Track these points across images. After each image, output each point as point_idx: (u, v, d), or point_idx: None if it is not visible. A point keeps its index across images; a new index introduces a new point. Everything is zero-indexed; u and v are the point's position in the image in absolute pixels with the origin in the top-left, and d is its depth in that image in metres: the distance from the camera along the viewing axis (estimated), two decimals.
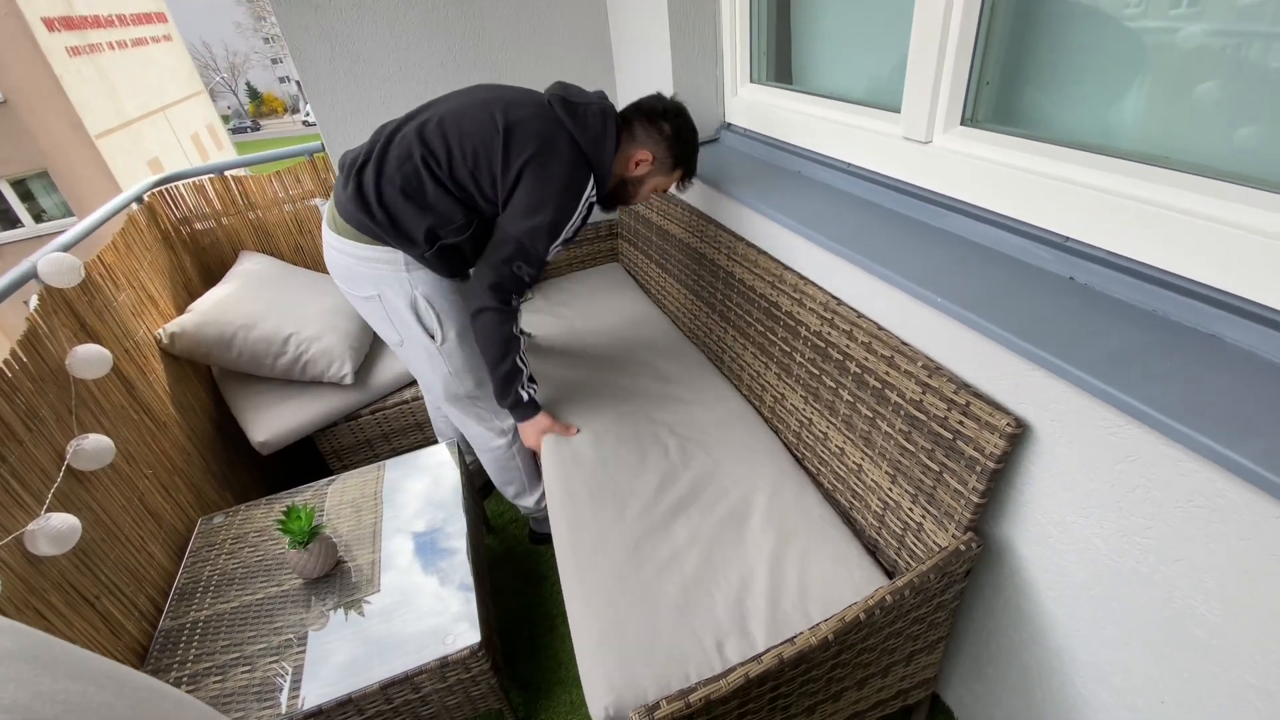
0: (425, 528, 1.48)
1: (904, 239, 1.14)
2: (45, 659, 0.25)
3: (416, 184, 1.25)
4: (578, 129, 1.25)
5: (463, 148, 1.23)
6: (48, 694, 0.23)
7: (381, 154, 1.26)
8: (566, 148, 1.24)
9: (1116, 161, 0.88)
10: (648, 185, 1.38)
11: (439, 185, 1.25)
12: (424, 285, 1.36)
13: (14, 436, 1.16)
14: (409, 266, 1.34)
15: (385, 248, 1.31)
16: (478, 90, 1.33)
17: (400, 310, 1.37)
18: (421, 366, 1.50)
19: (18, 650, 0.24)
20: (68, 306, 1.42)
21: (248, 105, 36.20)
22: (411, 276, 1.35)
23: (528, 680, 1.52)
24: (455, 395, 1.53)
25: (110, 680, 0.26)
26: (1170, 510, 0.73)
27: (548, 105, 1.27)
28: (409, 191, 1.25)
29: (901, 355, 1.05)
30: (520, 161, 1.21)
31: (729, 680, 0.84)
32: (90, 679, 0.26)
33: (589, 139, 1.26)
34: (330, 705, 1.13)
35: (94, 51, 11.36)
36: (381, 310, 1.39)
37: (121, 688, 0.27)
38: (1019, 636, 1.04)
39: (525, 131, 1.22)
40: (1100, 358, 0.77)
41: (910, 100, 1.15)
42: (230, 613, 1.33)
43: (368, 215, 1.27)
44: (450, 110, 1.27)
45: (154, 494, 1.51)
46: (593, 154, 1.27)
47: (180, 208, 2.11)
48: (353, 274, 1.36)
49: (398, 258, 1.32)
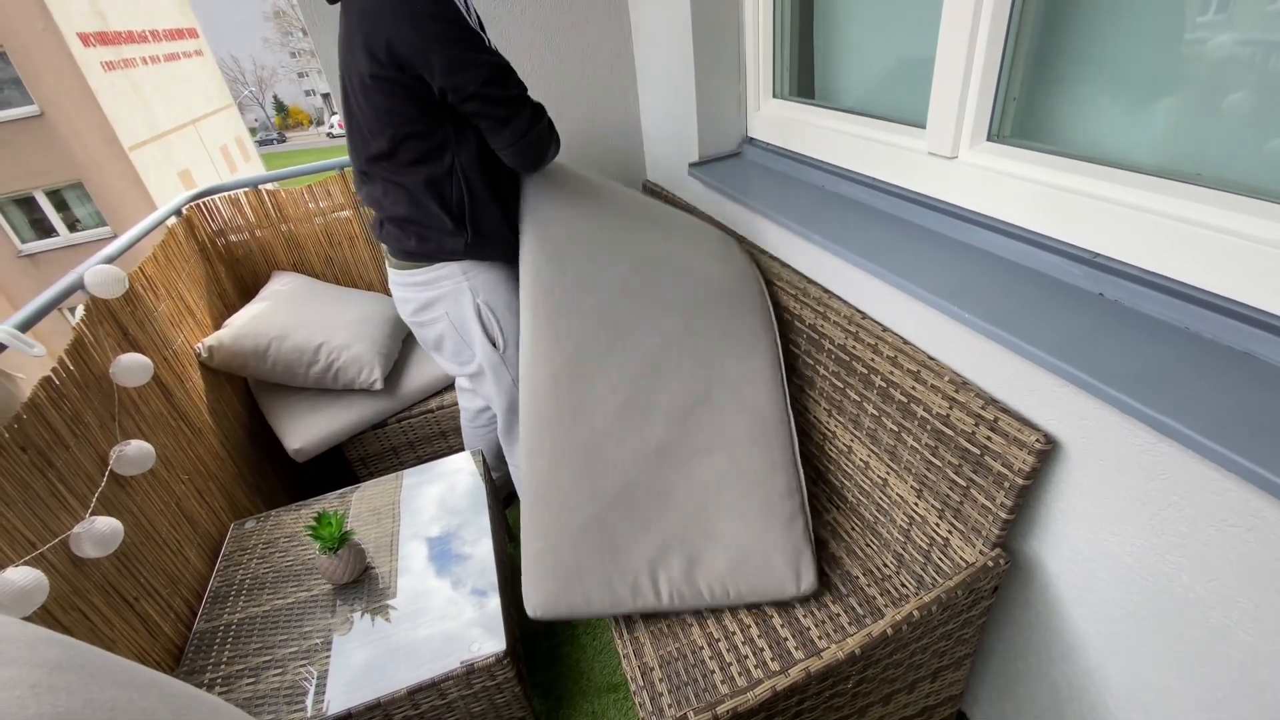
0: (449, 535, 1.50)
1: (930, 254, 1.14)
2: (92, 669, 0.27)
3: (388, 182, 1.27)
4: None
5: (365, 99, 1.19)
6: (97, 701, 0.25)
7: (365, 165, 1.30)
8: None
9: (1145, 178, 0.88)
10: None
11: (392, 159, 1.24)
12: (484, 291, 1.39)
13: (61, 442, 1.21)
14: (466, 273, 1.37)
15: (438, 264, 1.36)
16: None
17: (467, 322, 1.40)
18: (485, 379, 1.51)
19: (67, 661, 0.26)
20: (112, 317, 1.47)
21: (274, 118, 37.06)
22: (471, 283, 1.38)
23: (550, 688, 1.53)
24: (516, 406, 1.54)
25: (152, 687, 0.29)
26: (1204, 529, 0.72)
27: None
28: (391, 190, 1.28)
29: (928, 370, 1.05)
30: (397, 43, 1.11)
31: (756, 693, 0.84)
32: (134, 686, 0.28)
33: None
34: (359, 709, 1.15)
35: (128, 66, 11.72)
36: (453, 331, 1.42)
37: (163, 694, 0.29)
38: (1048, 654, 1.04)
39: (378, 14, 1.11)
40: (1131, 375, 0.77)
41: (936, 116, 1.16)
42: (262, 616, 1.36)
43: (403, 234, 1.32)
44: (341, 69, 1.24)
45: (190, 499, 1.55)
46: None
47: (216, 220, 2.17)
48: (421, 304, 1.40)
49: (455, 269, 1.36)
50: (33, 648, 0.26)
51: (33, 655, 0.25)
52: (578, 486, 1.15)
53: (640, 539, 1.11)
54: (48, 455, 1.16)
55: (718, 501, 1.18)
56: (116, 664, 0.29)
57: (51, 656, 0.26)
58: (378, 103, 1.19)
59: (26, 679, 0.24)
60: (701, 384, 1.27)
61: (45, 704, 0.23)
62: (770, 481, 1.22)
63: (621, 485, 1.16)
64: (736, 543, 1.13)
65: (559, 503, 1.14)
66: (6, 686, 0.23)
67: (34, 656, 0.25)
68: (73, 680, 0.25)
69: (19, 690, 0.23)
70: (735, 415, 1.27)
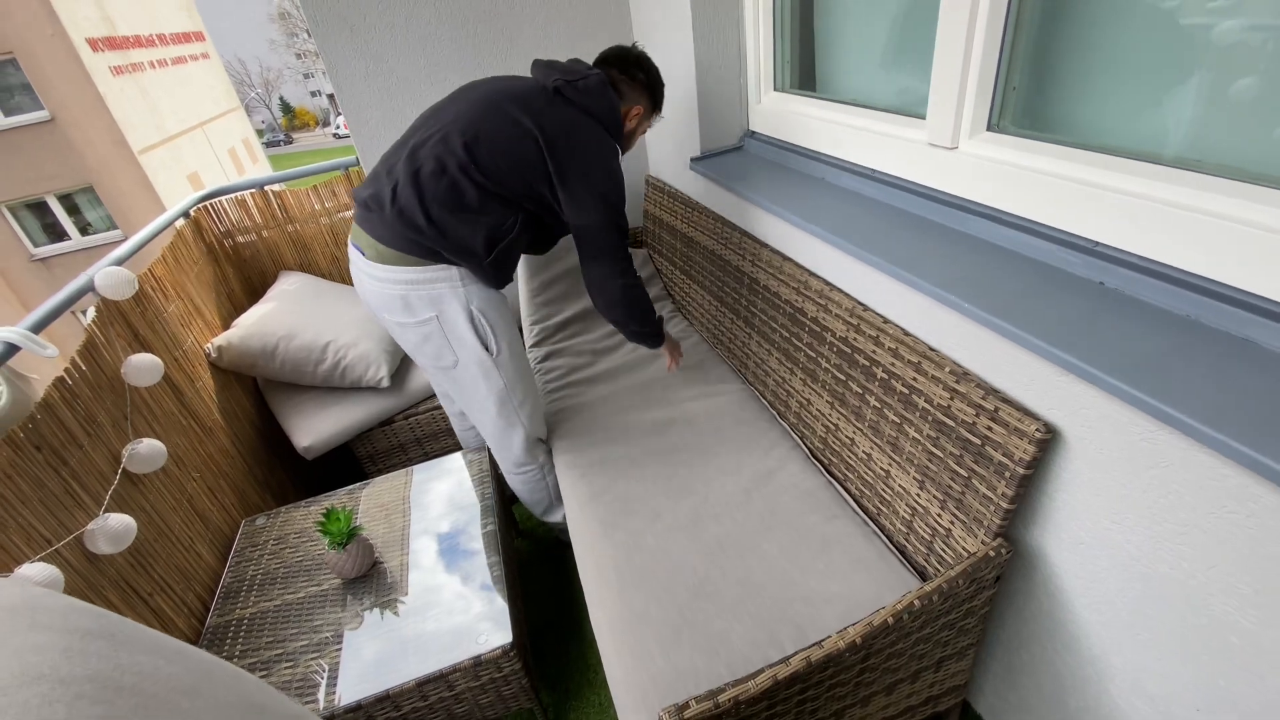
0: (455, 530, 1.52)
1: (931, 244, 1.14)
2: (122, 637, 0.28)
3: (459, 195, 1.27)
4: (593, 107, 1.34)
5: (496, 151, 1.27)
6: (125, 665, 0.27)
7: (412, 175, 1.27)
8: (594, 130, 1.34)
9: (1146, 165, 0.88)
10: (639, 131, 1.50)
11: (482, 191, 1.28)
12: (478, 299, 1.38)
13: (75, 441, 1.23)
14: (464, 280, 1.35)
15: (440, 265, 1.32)
16: (473, 90, 1.36)
17: (459, 326, 1.38)
18: (475, 385, 1.48)
19: (97, 629, 0.28)
20: (122, 318, 1.50)
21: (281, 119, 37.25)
22: (467, 291, 1.36)
23: (557, 681, 1.54)
24: (507, 410, 1.52)
25: (179, 655, 0.30)
26: (1204, 516, 0.72)
27: (557, 94, 1.33)
28: (456, 205, 1.27)
29: (929, 361, 1.05)
30: (569, 160, 1.30)
31: (757, 682, 0.85)
32: (161, 654, 0.29)
33: (604, 113, 1.36)
34: (369, 700, 1.17)
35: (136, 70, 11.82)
36: (439, 331, 1.38)
37: (188, 661, 0.30)
38: (1052, 644, 1.04)
39: (560, 130, 1.29)
40: (1131, 363, 0.77)
41: (935, 107, 1.16)
42: (273, 611, 1.38)
43: (420, 234, 1.27)
44: (465, 117, 1.29)
45: (201, 496, 1.57)
46: (610, 124, 1.37)
47: (224, 222, 2.20)
48: (406, 301, 1.35)
49: (453, 273, 1.33)
50: (65, 615, 0.27)
51: (65, 622, 0.27)
52: (651, 602, 1.15)
53: (738, 623, 1.09)
54: (62, 454, 1.19)
55: (801, 568, 1.17)
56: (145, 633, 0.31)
57: (83, 624, 0.27)
58: (474, 195, 1.28)
59: (59, 644, 0.25)
60: (737, 484, 1.39)
61: (77, 666, 0.25)
62: (843, 534, 1.23)
63: (695, 582, 1.18)
64: (840, 596, 1.11)
65: (640, 623, 1.12)
66: (39, 650, 0.25)
67: (66, 624, 0.27)
68: (103, 646, 0.27)
69: (52, 654, 0.25)
70: (779, 496, 1.34)
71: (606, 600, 1.18)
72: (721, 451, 1.48)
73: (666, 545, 1.26)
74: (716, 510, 1.33)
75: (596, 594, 1.22)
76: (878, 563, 1.17)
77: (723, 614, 1.11)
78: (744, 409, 1.61)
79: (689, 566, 1.21)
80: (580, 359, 1.92)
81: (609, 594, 1.19)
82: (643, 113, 1.46)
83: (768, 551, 1.22)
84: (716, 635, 1.08)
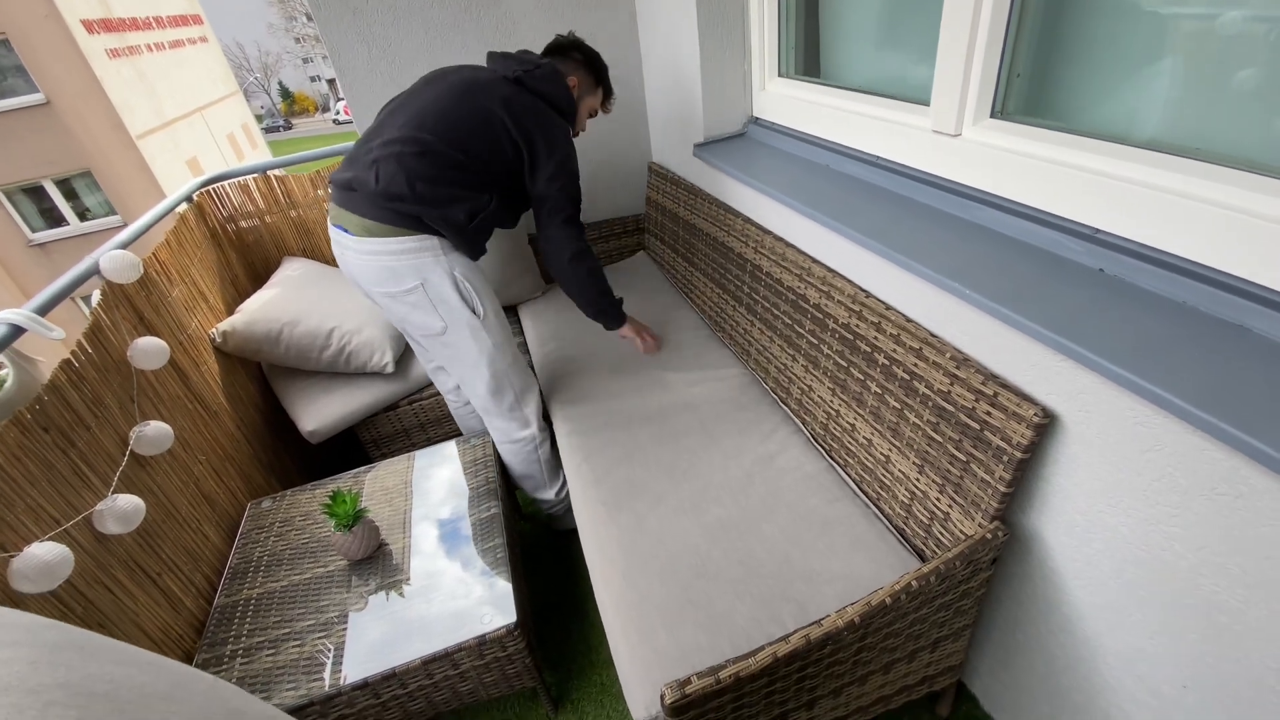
0: (461, 514, 1.54)
1: (933, 232, 1.15)
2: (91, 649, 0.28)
3: (442, 172, 1.36)
4: (550, 94, 1.49)
5: (472, 134, 1.39)
6: (96, 674, 0.26)
7: (396, 156, 1.34)
8: (554, 118, 1.48)
9: (1149, 153, 0.88)
10: (582, 107, 1.62)
11: (462, 170, 1.38)
12: (460, 266, 1.45)
13: (82, 423, 1.24)
14: (445, 250, 1.42)
15: (423, 235, 1.38)
16: (442, 79, 1.46)
17: (445, 292, 1.43)
18: (466, 346, 1.52)
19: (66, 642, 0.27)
20: (128, 301, 1.51)
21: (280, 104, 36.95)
22: (449, 259, 1.42)
23: (559, 661, 1.57)
24: (498, 371, 1.57)
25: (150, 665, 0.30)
26: (1195, 499, 0.74)
27: (519, 84, 1.46)
28: (439, 179, 1.36)
29: (930, 347, 1.07)
30: (536, 140, 1.43)
31: (757, 659, 0.87)
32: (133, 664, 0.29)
33: (559, 98, 1.51)
34: (375, 678, 1.19)
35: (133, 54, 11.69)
36: (425, 299, 1.43)
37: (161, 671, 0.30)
38: (1046, 625, 1.06)
39: (526, 115, 1.43)
40: (1128, 349, 0.78)
41: (940, 93, 1.16)
42: (280, 591, 1.40)
43: (405, 204, 1.34)
44: (440, 103, 1.40)
45: (208, 479, 1.59)
46: (565, 108, 1.53)
47: (226, 206, 2.20)
48: (392, 271, 1.40)
49: (434, 243, 1.40)
50: (31, 631, 0.27)
51: (31, 637, 0.27)
52: (655, 581, 1.18)
53: (740, 603, 1.11)
54: (69, 435, 1.20)
55: (802, 548, 1.20)
56: (115, 645, 0.30)
57: (50, 638, 0.27)
58: (455, 174, 1.39)
59: (25, 656, 0.25)
60: (738, 468, 1.41)
61: (45, 676, 0.25)
62: (844, 516, 1.25)
63: (698, 562, 1.20)
64: (841, 576, 1.13)
65: (643, 602, 1.14)
66: (5, 664, 0.24)
67: (33, 639, 0.27)
68: (72, 657, 0.27)
69: (18, 666, 0.24)
70: (780, 479, 1.37)
71: (612, 580, 1.20)
72: (723, 436, 1.50)
73: (669, 527, 1.28)
74: (718, 493, 1.34)
75: (601, 574, 1.24)
76: (878, 543, 1.19)
77: (725, 593, 1.13)
78: (745, 394, 1.62)
79: (692, 547, 1.23)
80: (582, 344, 1.94)
81: (614, 574, 1.21)
82: (578, 83, 1.58)
83: (769, 533, 1.24)
84: (719, 614, 1.10)
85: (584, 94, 1.61)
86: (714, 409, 1.59)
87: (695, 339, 1.89)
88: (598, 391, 1.73)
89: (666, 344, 1.87)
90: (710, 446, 1.47)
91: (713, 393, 1.65)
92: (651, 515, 1.31)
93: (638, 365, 1.80)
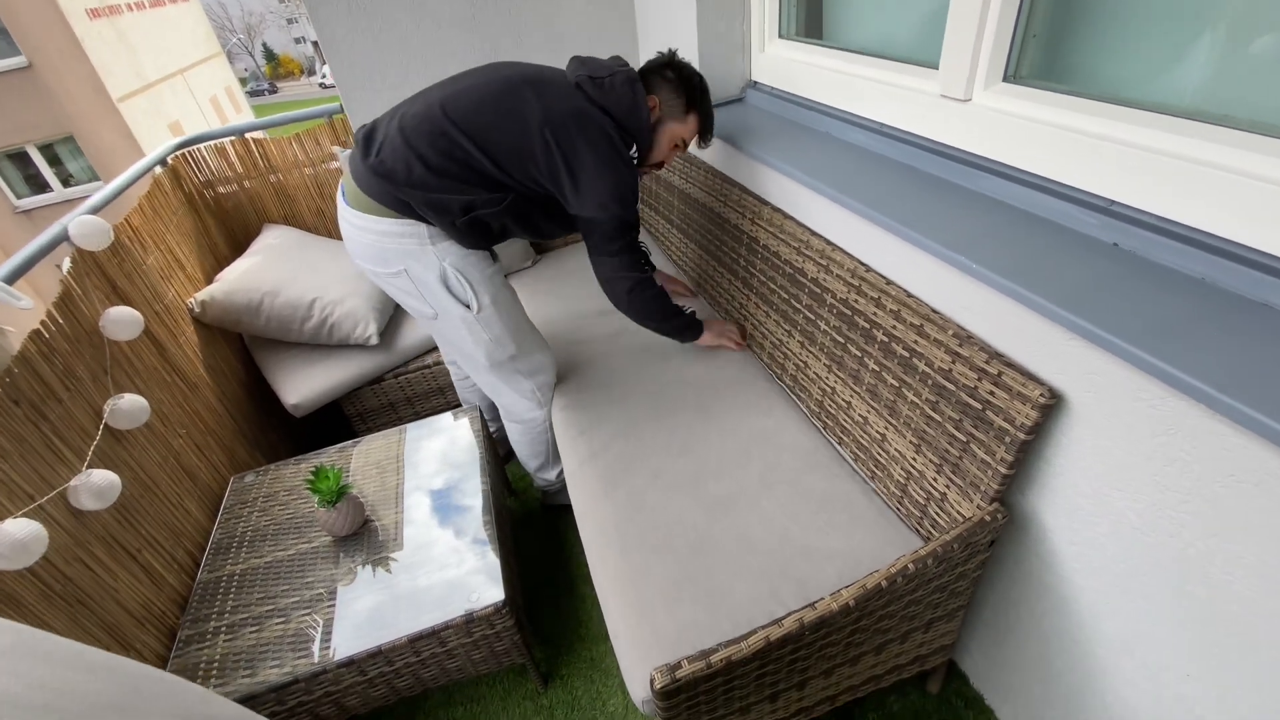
0: (448, 488, 1.51)
1: (938, 203, 1.10)
2: (40, 652, 0.26)
3: (450, 164, 1.23)
4: (613, 105, 1.28)
5: (499, 135, 1.23)
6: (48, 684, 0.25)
7: (411, 130, 1.23)
8: (603, 129, 1.26)
9: (1170, 120, 0.83)
10: (663, 134, 1.38)
11: (472, 169, 1.24)
12: (451, 256, 1.33)
13: (54, 395, 1.20)
14: (434, 239, 1.30)
15: (409, 220, 1.28)
16: (497, 69, 1.31)
17: (429, 284, 1.35)
18: (460, 338, 1.46)
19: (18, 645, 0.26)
20: (99, 269, 1.45)
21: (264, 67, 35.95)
22: (437, 249, 1.31)
23: (549, 637, 1.56)
24: (498, 362, 1.50)
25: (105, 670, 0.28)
26: (1210, 485, 0.71)
27: (577, 88, 1.27)
28: (445, 170, 1.23)
29: (931, 323, 1.03)
30: (578, 158, 1.25)
31: (749, 643, 0.85)
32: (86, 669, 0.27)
33: (624, 111, 1.28)
34: (361, 656, 1.17)
35: (113, 14, 11.30)
36: (410, 285, 1.36)
37: (114, 675, 0.28)
38: (1041, 606, 1.04)
39: (567, 124, 1.24)
40: (1143, 327, 0.74)
41: (949, 55, 1.10)
42: (264, 567, 1.38)
43: (395, 187, 1.24)
44: (480, 91, 1.25)
45: (188, 453, 1.55)
46: (631, 123, 1.30)
47: (203, 171, 2.12)
48: (379, 251, 1.32)
49: (421, 230, 1.29)
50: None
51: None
52: (652, 558, 1.15)
53: (740, 580, 1.09)
54: (41, 408, 1.16)
55: (801, 525, 1.17)
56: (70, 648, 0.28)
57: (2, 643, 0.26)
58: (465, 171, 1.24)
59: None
60: (736, 444, 1.38)
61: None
62: (843, 493, 1.23)
63: (696, 539, 1.17)
64: (841, 553, 1.11)
65: (641, 579, 1.12)
66: None
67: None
68: (17, 664, 0.25)
69: None
70: (779, 455, 1.34)
71: (609, 557, 1.18)
72: (720, 412, 1.46)
73: (666, 503, 1.25)
74: (716, 469, 1.31)
75: (598, 551, 1.21)
76: (878, 519, 1.16)
77: (724, 570, 1.11)
78: (743, 370, 1.59)
79: (690, 524, 1.20)
80: (580, 320, 1.89)
81: (610, 551, 1.19)
82: (659, 106, 1.35)
83: (768, 509, 1.21)
84: (718, 590, 1.08)
85: (667, 118, 1.37)
86: (710, 385, 1.55)
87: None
88: (591, 366, 1.69)
89: None
90: (707, 423, 1.43)
91: (708, 369, 1.61)
92: (649, 491, 1.29)
93: (631, 341, 1.75)
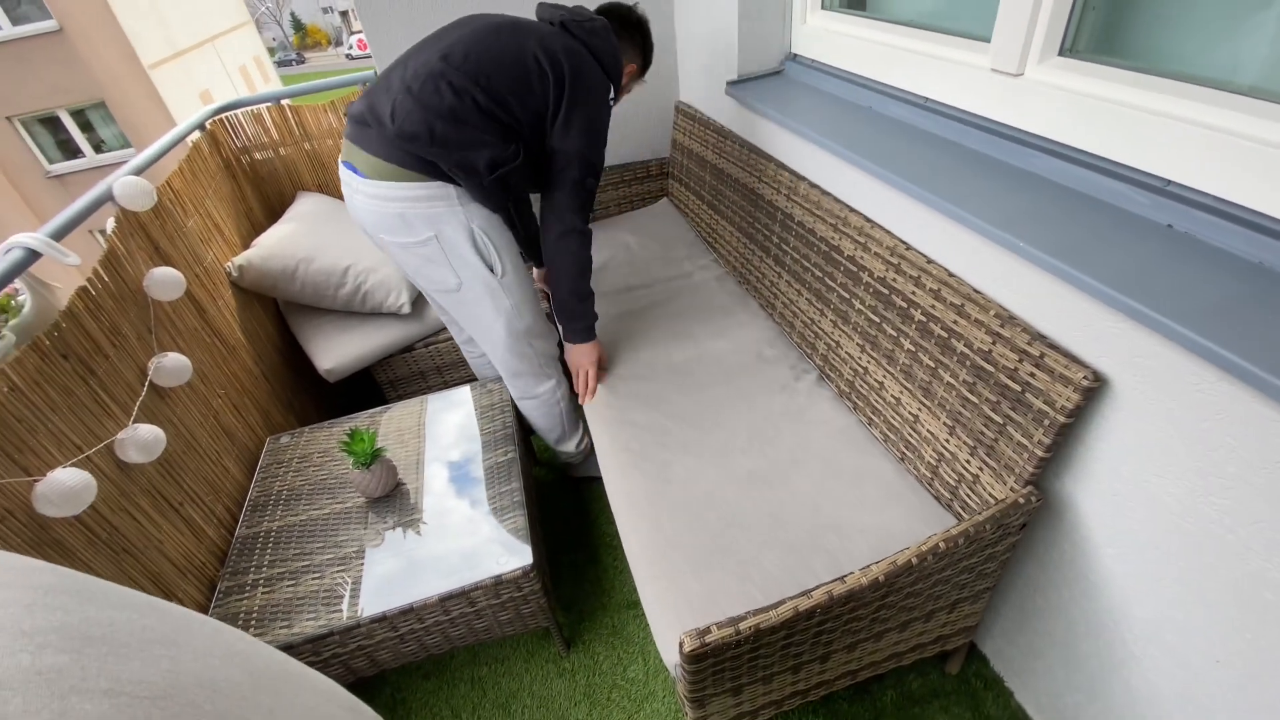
0: (477, 456, 1.53)
1: (984, 181, 1.08)
2: (87, 593, 0.27)
3: (462, 111, 1.24)
4: (598, 48, 1.36)
5: (500, 72, 1.27)
6: (93, 618, 0.25)
7: (415, 90, 1.23)
8: (595, 69, 1.35)
9: (1233, 97, 0.80)
10: (625, 90, 1.53)
11: (483, 112, 1.25)
12: (479, 218, 1.34)
13: (101, 351, 1.23)
14: (462, 200, 1.31)
15: (437, 183, 1.28)
16: (476, 19, 1.35)
17: (460, 246, 1.34)
18: (482, 306, 1.45)
19: (60, 585, 0.26)
20: (142, 230, 1.48)
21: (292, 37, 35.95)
22: (467, 210, 1.32)
23: (573, 603, 1.59)
24: (516, 332, 1.50)
25: (151, 610, 0.29)
26: (1257, 471, 0.70)
27: (563, 28, 1.35)
28: (458, 119, 1.23)
29: (973, 303, 1.01)
30: (569, 91, 1.31)
31: (778, 612, 0.86)
32: (132, 608, 0.28)
33: (606, 55, 1.38)
34: (394, 612, 1.21)
35: None
36: (439, 252, 1.35)
37: (162, 616, 0.29)
38: (1070, 591, 1.04)
39: (566, 58, 1.30)
40: (1197, 310, 0.73)
41: (1003, 27, 1.07)
42: (299, 525, 1.42)
43: (420, 147, 1.23)
44: (469, 40, 1.28)
45: (227, 413, 1.59)
46: (611, 68, 1.39)
47: (240, 137, 2.14)
48: (404, 220, 1.31)
49: (450, 192, 1.29)
50: (25, 574, 0.26)
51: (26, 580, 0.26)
52: (683, 528, 1.16)
53: (771, 551, 1.10)
54: (88, 363, 1.19)
55: (834, 500, 1.18)
56: (112, 588, 0.29)
57: (46, 581, 0.26)
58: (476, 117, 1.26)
59: (21, 599, 0.24)
60: (766, 421, 1.38)
61: (40, 619, 0.24)
62: (875, 470, 1.23)
63: (728, 512, 1.18)
64: (873, 528, 1.11)
65: (672, 549, 1.13)
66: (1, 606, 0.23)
67: (28, 581, 0.26)
68: (68, 601, 0.26)
69: (13, 609, 0.23)
70: (810, 430, 1.34)
71: (640, 527, 1.20)
72: (749, 388, 1.46)
73: (696, 476, 1.26)
74: (745, 444, 1.32)
75: (629, 521, 1.23)
76: (910, 497, 1.17)
77: (755, 542, 1.12)
78: (771, 347, 1.58)
79: (720, 497, 1.21)
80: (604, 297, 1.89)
81: (642, 521, 1.20)
82: (635, 72, 1.51)
83: (798, 484, 1.22)
84: (749, 560, 1.09)
85: (628, 63, 1.49)
86: (739, 361, 1.55)
87: (720, 290, 1.84)
88: (617, 342, 1.69)
89: (689, 294, 1.82)
90: (736, 398, 1.44)
91: (737, 345, 1.60)
92: (679, 464, 1.30)
93: (657, 317, 1.76)
